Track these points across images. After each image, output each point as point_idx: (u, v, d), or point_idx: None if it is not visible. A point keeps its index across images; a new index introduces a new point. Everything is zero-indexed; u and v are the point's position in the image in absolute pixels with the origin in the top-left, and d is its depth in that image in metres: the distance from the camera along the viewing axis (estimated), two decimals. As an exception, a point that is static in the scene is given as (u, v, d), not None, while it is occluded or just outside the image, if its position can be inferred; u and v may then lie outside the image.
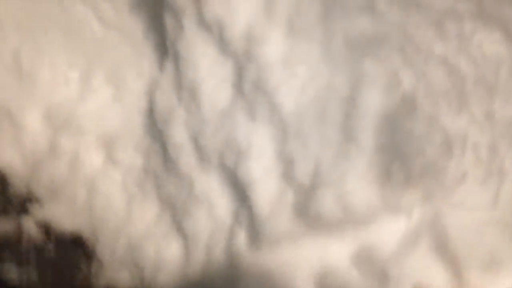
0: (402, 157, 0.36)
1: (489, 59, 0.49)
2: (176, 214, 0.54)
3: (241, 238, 0.48)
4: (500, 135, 0.43)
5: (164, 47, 0.62)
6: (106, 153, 0.65)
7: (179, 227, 0.54)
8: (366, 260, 0.43)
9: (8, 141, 0.69)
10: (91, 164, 0.66)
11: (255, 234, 0.47)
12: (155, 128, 0.62)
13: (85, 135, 0.68)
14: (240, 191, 0.46)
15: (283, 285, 0.46)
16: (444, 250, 0.41)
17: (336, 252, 0.46)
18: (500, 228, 0.42)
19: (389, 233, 0.43)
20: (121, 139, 0.65)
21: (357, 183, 0.40)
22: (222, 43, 0.49)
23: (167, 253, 0.54)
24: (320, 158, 0.41)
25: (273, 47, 0.45)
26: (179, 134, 0.52)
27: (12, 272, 0.57)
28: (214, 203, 0.49)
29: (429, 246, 0.41)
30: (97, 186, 0.65)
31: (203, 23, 0.49)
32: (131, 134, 0.65)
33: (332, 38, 0.41)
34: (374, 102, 0.38)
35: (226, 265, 0.50)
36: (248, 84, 0.47)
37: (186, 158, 0.52)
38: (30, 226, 0.64)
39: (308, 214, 0.42)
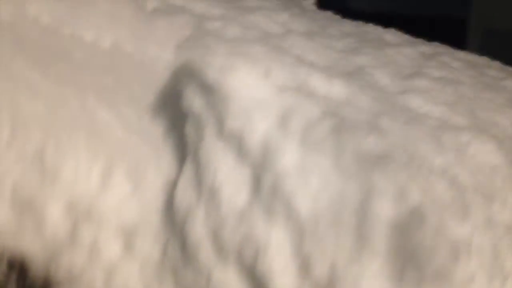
0: (413, 262, 0.39)
1: (484, 169, 0.53)
2: None
3: None
4: (500, 239, 0.47)
5: (184, 150, 0.66)
6: (124, 244, 0.68)
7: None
8: None
9: (29, 231, 0.72)
10: (109, 254, 0.68)
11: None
12: (173, 224, 0.65)
13: (104, 226, 0.70)
14: (258, 286, 0.48)
15: None
16: None
17: None
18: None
19: None
20: (139, 231, 0.68)
21: (371, 283, 0.42)
22: (241, 152, 0.53)
23: None
24: (336, 258, 0.44)
25: (288, 158, 0.49)
26: (197, 231, 0.55)
27: None
28: None
29: None
30: (114, 274, 0.67)
31: (223, 134, 0.54)
32: (149, 227, 0.67)
33: (343, 153, 0.45)
34: (384, 212, 0.41)
35: None
36: (265, 189, 0.50)
37: (205, 254, 0.54)
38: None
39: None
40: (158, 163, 0.71)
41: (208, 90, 0.58)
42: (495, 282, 0.45)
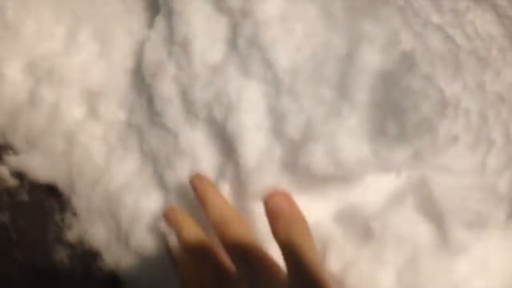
0: (396, 112, 0.36)
1: (481, 36, 0.50)
2: (158, 166, 0.52)
3: (225, 191, 0.47)
4: (490, 106, 0.44)
5: (156, 3, 0.60)
6: (88, 107, 0.63)
7: (161, 180, 0.52)
8: (350, 216, 0.43)
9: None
10: (72, 117, 0.63)
11: (240, 187, 0.46)
12: (141, 85, 0.60)
13: (67, 87, 0.65)
14: (227, 145, 0.45)
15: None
16: (430, 210, 0.41)
17: (319, 208, 0.46)
18: (485, 193, 0.42)
19: (376, 190, 0.42)
20: (104, 95, 0.63)
21: (348, 139, 0.39)
22: (219, 0, 0.47)
23: (145, 204, 0.52)
24: (312, 114, 0.40)
25: (270, 5, 0.43)
26: (167, 89, 0.50)
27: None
28: (198, 156, 0.47)
29: (415, 205, 0.41)
30: (76, 138, 0.63)
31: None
32: (116, 90, 0.63)
33: (335, 13, 0.40)
34: (372, 59, 0.38)
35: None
36: (243, 40, 0.45)
37: (173, 112, 0.50)
38: (3, 172, 0.61)
39: (296, 169, 0.41)
40: (128, 23, 0.65)
41: None
42: (479, 149, 0.42)
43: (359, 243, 0.45)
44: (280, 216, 0.40)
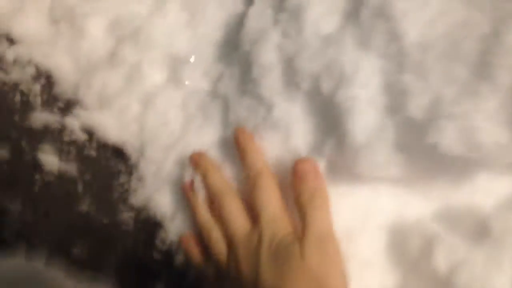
0: None
1: None
2: None
3: (320, 168, 0.43)
4: None
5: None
6: (170, 72, 0.60)
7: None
8: (461, 215, 0.39)
9: (63, 43, 0.64)
10: (152, 80, 0.60)
11: (340, 166, 0.42)
12: (232, 55, 0.57)
13: (151, 50, 0.63)
14: (329, 121, 0.41)
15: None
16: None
17: (419, 206, 0.42)
18: None
19: (487, 191, 0.39)
20: (189, 62, 0.60)
21: (486, 122, 0.35)
22: None
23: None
24: (441, 93, 0.37)
25: None
26: (268, 56, 0.48)
27: (52, 162, 0.52)
28: (292, 130, 0.44)
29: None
30: (153, 103, 0.59)
31: None
32: (201, 59, 0.60)
33: None
34: None
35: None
36: (367, 10, 0.42)
37: (271, 82, 0.47)
38: (73, 125, 0.58)
39: (410, 151, 0.37)
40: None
41: None
42: None
43: (471, 243, 0.40)
44: (306, 181, 0.42)
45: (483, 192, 0.43)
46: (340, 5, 0.47)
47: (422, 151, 0.40)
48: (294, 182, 0.43)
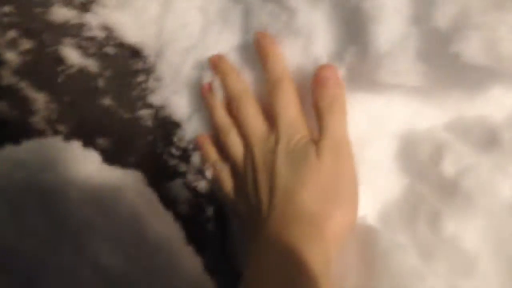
0: None
1: None
2: None
3: (339, 74, 0.45)
4: None
5: None
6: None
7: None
8: (471, 124, 0.41)
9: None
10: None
11: (361, 73, 0.44)
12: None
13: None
14: (353, 28, 0.42)
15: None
16: None
17: (433, 116, 0.43)
18: None
19: (500, 104, 0.40)
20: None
21: (508, 33, 0.36)
22: None
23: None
24: (467, 3, 0.38)
25: None
26: None
27: (73, 57, 0.52)
28: (314, 37, 0.44)
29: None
30: (172, 3, 0.59)
31: None
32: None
33: None
34: None
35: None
36: None
37: None
38: (92, 22, 0.58)
39: (433, 60, 0.39)
40: None
41: None
42: None
43: (480, 151, 0.42)
44: (326, 87, 0.43)
45: (496, 104, 0.44)
46: None
47: (443, 60, 0.41)
48: (314, 88, 0.44)
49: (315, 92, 0.44)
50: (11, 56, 0.51)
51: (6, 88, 0.49)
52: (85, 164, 0.41)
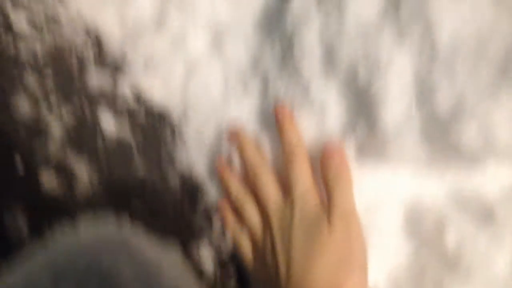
0: None
1: None
2: None
3: (351, 148, 0.49)
4: None
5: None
6: (212, 40, 0.64)
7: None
8: (470, 198, 0.44)
9: (111, 7, 0.68)
10: (195, 47, 0.65)
11: (369, 148, 0.48)
12: (274, 30, 0.61)
13: (195, 16, 0.66)
14: (362, 105, 0.45)
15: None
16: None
17: (435, 185, 0.47)
18: None
19: (495, 179, 0.44)
20: (231, 33, 0.64)
21: (502, 119, 0.39)
22: None
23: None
24: (466, 92, 0.41)
25: None
26: (310, 39, 0.51)
27: (109, 123, 0.57)
28: (327, 110, 0.48)
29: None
30: (196, 70, 0.64)
31: None
32: (243, 32, 0.63)
33: None
34: None
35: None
36: (407, 5, 0.45)
37: (311, 62, 0.50)
38: (124, 85, 0.63)
39: (433, 140, 0.42)
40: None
41: None
42: None
43: (478, 224, 0.46)
44: (332, 160, 0.48)
45: (491, 178, 0.48)
46: (381, -1, 0.50)
47: (444, 141, 0.45)
48: (322, 160, 0.49)
49: (322, 165, 0.48)
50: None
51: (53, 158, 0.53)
52: (133, 239, 0.45)
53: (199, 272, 0.52)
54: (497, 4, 0.45)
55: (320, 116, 0.53)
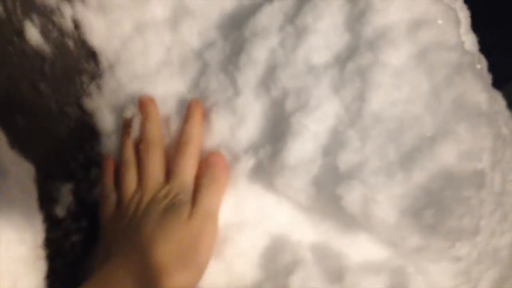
0: (442, 209, 0.39)
1: None
2: (204, 103, 0.53)
3: (248, 164, 0.48)
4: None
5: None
6: (172, 15, 0.62)
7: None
8: (330, 255, 0.46)
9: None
10: (152, 13, 0.62)
11: (265, 171, 0.48)
12: (231, 31, 0.61)
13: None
14: (277, 131, 0.46)
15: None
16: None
17: (304, 230, 0.49)
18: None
19: (360, 249, 0.46)
20: (193, 17, 0.63)
21: (386, 201, 0.41)
22: (351, 18, 0.50)
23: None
24: (368, 160, 0.43)
25: (398, 55, 0.46)
26: (259, 53, 0.52)
27: (33, 35, 0.54)
28: (245, 121, 0.48)
29: (386, 284, 0.45)
30: (144, 32, 0.61)
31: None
32: (204, 21, 0.63)
33: (441, 102, 0.43)
34: (447, 158, 0.40)
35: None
36: (354, 64, 0.47)
37: (250, 73, 0.51)
38: (66, 12, 0.60)
39: (322, 189, 0.43)
40: None
41: None
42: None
43: (325, 280, 0.48)
44: (212, 169, 0.51)
45: (357, 248, 0.50)
46: (337, 47, 0.53)
47: (330, 195, 0.47)
48: (202, 166, 0.51)
49: (200, 170, 0.51)
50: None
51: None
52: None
53: (48, 213, 0.49)
54: (429, 105, 0.48)
55: (235, 125, 0.54)
